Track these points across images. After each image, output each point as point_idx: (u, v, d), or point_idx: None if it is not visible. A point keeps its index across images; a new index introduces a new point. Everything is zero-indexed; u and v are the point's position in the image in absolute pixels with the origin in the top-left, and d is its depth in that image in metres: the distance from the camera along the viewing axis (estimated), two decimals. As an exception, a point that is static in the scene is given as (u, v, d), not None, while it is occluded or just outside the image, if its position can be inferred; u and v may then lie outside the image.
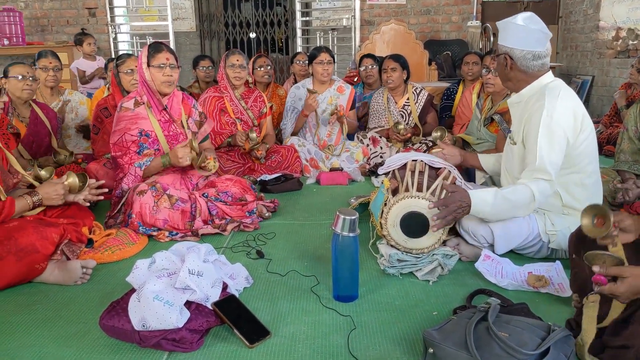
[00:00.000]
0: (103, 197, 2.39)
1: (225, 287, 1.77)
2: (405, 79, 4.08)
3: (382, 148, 3.89)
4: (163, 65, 2.66)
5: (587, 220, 1.41)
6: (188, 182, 2.80)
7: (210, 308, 1.63)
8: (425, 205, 2.01)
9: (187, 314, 1.56)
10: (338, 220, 1.77)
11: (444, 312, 1.76)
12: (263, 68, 4.35)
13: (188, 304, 1.59)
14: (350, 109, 4.08)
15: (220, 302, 1.66)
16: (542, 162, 1.95)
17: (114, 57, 5.40)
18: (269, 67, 4.39)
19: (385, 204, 2.07)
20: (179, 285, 1.60)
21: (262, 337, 1.59)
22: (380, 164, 3.04)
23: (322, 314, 1.76)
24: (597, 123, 4.64)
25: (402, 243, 2.05)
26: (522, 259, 2.13)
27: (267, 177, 3.43)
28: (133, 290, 1.62)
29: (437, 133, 3.51)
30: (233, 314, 1.63)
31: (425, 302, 1.83)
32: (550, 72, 2.12)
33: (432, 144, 3.68)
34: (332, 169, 3.69)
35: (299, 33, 7.08)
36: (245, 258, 2.26)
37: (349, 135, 4.19)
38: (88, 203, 2.33)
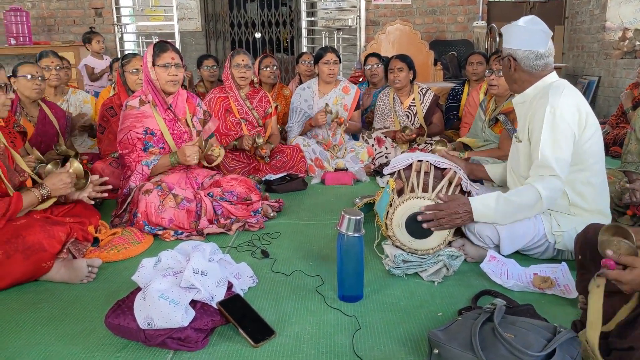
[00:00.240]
0: (107, 194, 2.40)
1: (230, 286, 1.77)
2: (412, 80, 4.07)
3: (387, 148, 3.89)
4: (168, 65, 2.67)
5: (609, 252, 1.33)
6: (193, 181, 2.81)
7: (215, 307, 1.63)
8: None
9: (192, 313, 1.56)
10: (343, 220, 1.77)
11: (449, 312, 1.75)
12: (269, 68, 4.35)
13: (193, 303, 1.60)
14: (355, 109, 4.08)
15: (225, 301, 1.66)
16: (545, 157, 1.95)
17: (120, 56, 5.42)
18: (275, 67, 4.40)
19: (391, 205, 2.07)
20: (184, 285, 1.60)
21: (267, 336, 1.59)
22: (385, 164, 3.03)
23: (326, 314, 1.76)
24: (603, 124, 4.62)
25: (407, 244, 2.04)
26: (527, 260, 2.13)
27: (272, 176, 3.43)
28: (138, 289, 1.63)
29: (436, 146, 3.54)
30: (238, 314, 1.63)
31: (431, 302, 1.83)
32: (555, 72, 2.12)
33: (438, 141, 3.72)
34: (337, 169, 3.69)
35: (304, 33, 7.09)
36: (250, 257, 2.27)
37: (354, 136, 4.20)
38: (92, 201, 2.34)
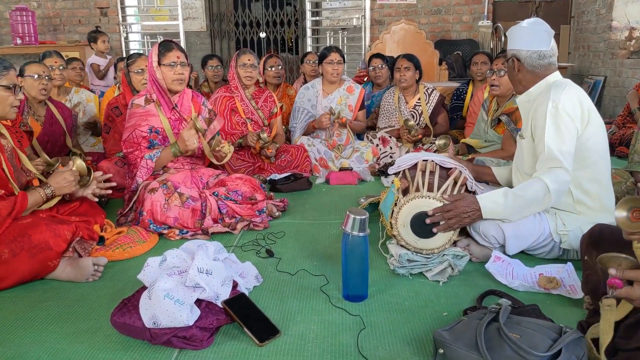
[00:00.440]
0: (112, 192, 2.41)
1: (235, 285, 1.77)
2: (417, 79, 4.07)
3: (391, 148, 3.88)
4: (174, 64, 2.68)
5: (622, 213, 1.32)
6: (199, 180, 2.81)
7: (221, 306, 1.64)
8: (436, 206, 2.00)
9: (197, 312, 1.57)
10: (348, 220, 1.77)
11: (454, 312, 1.75)
12: (274, 68, 4.35)
13: (198, 302, 1.60)
14: (360, 109, 4.08)
15: (230, 300, 1.66)
16: (550, 150, 1.95)
17: (124, 56, 5.44)
18: (280, 67, 4.40)
19: (396, 204, 2.06)
20: (189, 284, 1.61)
21: (271, 335, 1.59)
22: (390, 164, 3.03)
23: (331, 314, 1.76)
24: (609, 124, 4.60)
25: (412, 243, 2.04)
26: (533, 260, 2.12)
27: (276, 176, 3.43)
28: (144, 288, 1.63)
29: (441, 141, 3.46)
30: (243, 313, 1.64)
31: (435, 302, 1.83)
32: (558, 71, 2.13)
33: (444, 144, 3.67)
34: (341, 169, 3.69)
35: (309, 33, 7.09)
36: (255, 257, 2.27)
37: (359, 135, 4.19)
38: (97, 198, 2.35)
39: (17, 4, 6.70)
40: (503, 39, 5.96)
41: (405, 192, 2.16)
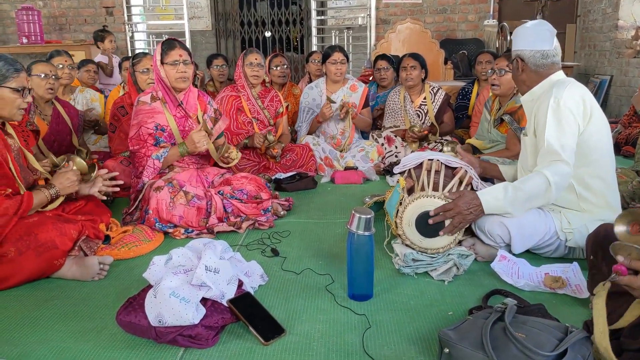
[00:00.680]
0: (118, 190, 2.41)
1: (241, 284, 1.78)
2: (423, 78, 4.06)
3: (397, 147, 3.88)
4: (177, 62, 2.69)
5: (622, 228, 1.35)
6: (204, 179, 2.82)
7: (226, 305, 1.64)
8: (441, 205, 2.00)
9: (202, 311, 1.57)
10: (353, 219, 1.77)
11: (460, 312, 1.75)
12: (279, 68, 4.35)
13: (204, 301, 1.61)
14: (364, 107, 4.08)
15: (236, 299, 1.67)
16: (550, 144, 1.95)
17: (129, 55, 5.44)
18: (285, 66, 4.40)
19: (401, 203, 2.06)
20: (196, 282, 1.61)
21: (277, 334, 1.59)
22: (395, 163, 3.02)
23: (337, 313, 1.76)
24: (615, 123, 4.57)
25: (417, 242, 2.04)
26: (538, 260, 2.11)
27: (281, 175, 3.44)
28: (150, 287, 1.64)
29: (447, 147, 3.44)
30: (248, 311, 1.64)
31: (441, 302, 1.83)
32: (562, 71, 2.14)
33: (449, 142, 3.65)
34: (346, 168, 3.69)
35: (314, 32, 7.09)
36: (260, 256, 2.27)
37: (364, 134, 4.19)
38: (104, 196, 2.36)
39: (23, 3, 6.72)
40: (509, 38, 5.93)
41: (411, 191, 2.16)
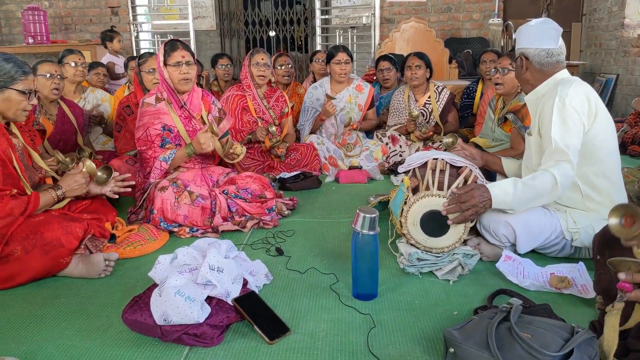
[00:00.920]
0: (130, 189, 2.43)
1: (246, 283, 1.78)
2: (428, 78, 4.05)
3: (401, 146, 3.87)
4: (179, 63, 2.69)
5: (615, 220, 1.35)
6: (209, 178, 2.82)
7: (231, 304, 1.64)
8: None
9: (207, 310, 1.57)
10: (358, 218, 1.77)
11: (465, 312, 1.74)
12: (284, 67, 4.35)
13: (209, 300, 1.61)
14: (369, 108, 4.07)
15: (241, 298, 1.67)
16: (557, 144, 1.94)
17: (135, 55, 5.46)
18: (290, 66, 4.40)
19: (405, 203, 2.06)
20: (200, 281, 1.62)
21: (281, 333, 1.60)
22: (400, 163, 3.01)
23: (341, 312, 1.76)
24: (621, 122, 4.56)
25: (422, 242, 2.04)
26: (544, 260, 2.11)
27: (286, 174, 3.44)
28: (155, 285, 1.64)
29: (448, 139, 3.40)
30: (253, 310, 1.64)
31: (446, 301, 1.82)
32: (566, 70, 2.12)
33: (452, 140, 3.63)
34: (351, 167, 3.69)
35: (319, 31, 7.08)
36: (265, 255, 2.28)
37: (368, 134, 4.19)
38: (117, 195, 2.37)
39: (29, 4, 6.76)
40: (514, 37, 5.91)
41: (415, 190, 2.15)
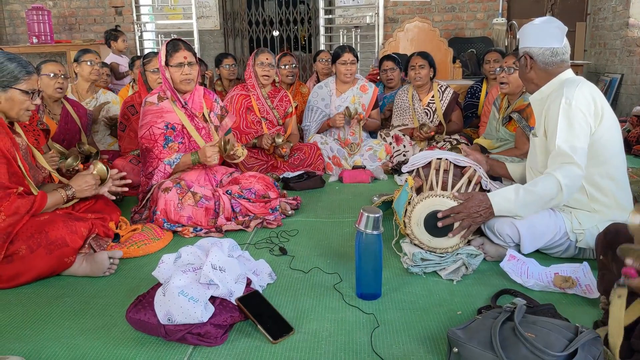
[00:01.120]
0: (128, 189, 2.43)
1: (249, 282, 1.78)
2: (432, 77, 4.05)
3: (405, 146, 3.87)
4: (181, 64, 2.68)
5: (637, 220, 1.33)
6: (212, 178, 2.83)
7: (235, 303, 1.65)
8: (450, 205, 1.99)
9: (211, 309, 1.58)
10: (362, 218, 1.77)
11: (468, 311, 1.74)
12: (287, 67, 4.35)
13: (212, 299, 1.61)
14: (373, 108, 4.07)
15: (244, 297, 1.67)
16: (561, 146, 1.93)
17: (139, 55, 5.46)
18: (294, 65, 4.40)
19: (409, 203, 2.06)
20: (203, 280, 1.62)
21: (285, 333, 1.60)
22: (403, 162, 3.01)
23: (345, 312, 1.76)
24: (624, 122, 4.54)
25: (425, 242, 2.03)
26: (548, 260, 2.10)
27: (289, 174, 3.44)
28: (159, 285, 1.65)
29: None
30: (257, 310, 1.65)
31: (449, 301, 1.82)
32: (571, 69, 2.11)
33: (456, 142, 3.63)
34: (354, 167, 3.68)
35: (322, 31, 7.08)
36: (269, 254, 2.28)
37: (372, 134, 4.18)
38: (113, 196, 2.37)
39: (33, 3, 6.77)
40: (518, 37, 5.90)
41: (419, 190, 2.15)
